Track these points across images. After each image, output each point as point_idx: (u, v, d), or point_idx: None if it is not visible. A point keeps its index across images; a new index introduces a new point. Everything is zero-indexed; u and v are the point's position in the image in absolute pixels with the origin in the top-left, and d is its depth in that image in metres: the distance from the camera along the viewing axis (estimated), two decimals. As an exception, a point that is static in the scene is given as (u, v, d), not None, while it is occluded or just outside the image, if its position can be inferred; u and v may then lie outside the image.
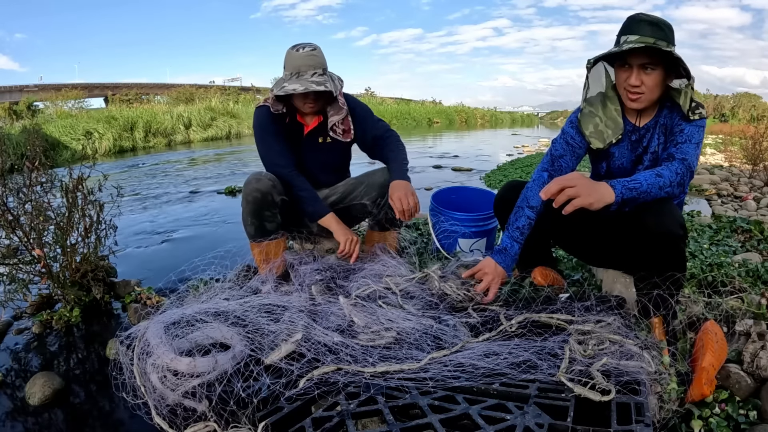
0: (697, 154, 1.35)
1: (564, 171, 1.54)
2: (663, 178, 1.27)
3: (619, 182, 1.25)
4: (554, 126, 28.23)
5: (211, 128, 13.52)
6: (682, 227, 1.28)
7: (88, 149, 9.10)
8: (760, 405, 1.11)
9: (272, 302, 1.42)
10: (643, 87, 1.34)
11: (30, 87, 29.72)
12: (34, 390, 1.35)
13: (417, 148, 9.76)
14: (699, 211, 3.35)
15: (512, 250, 1.50)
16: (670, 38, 1.30)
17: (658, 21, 1.30)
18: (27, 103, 23.40)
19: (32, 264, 1.77)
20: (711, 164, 6.40)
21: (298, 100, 1.78)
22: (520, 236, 1.50)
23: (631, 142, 1.48)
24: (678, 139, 1.36)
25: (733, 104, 34.48)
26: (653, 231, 1.28)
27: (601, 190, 1.22)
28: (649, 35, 1.28)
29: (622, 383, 0.99)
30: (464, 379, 1.06)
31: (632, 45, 1.28)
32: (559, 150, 1.55)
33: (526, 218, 1.50)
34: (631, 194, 1.25)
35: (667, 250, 1.30)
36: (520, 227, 1.50)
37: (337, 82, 1.82)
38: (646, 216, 1.30)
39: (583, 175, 1.30)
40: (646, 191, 1.25)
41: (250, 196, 1.71)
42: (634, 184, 1.25)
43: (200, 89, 24.12)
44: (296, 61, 1.71)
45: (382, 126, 1.94)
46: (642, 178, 1.26)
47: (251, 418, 1.00)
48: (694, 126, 1.35)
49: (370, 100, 27.71)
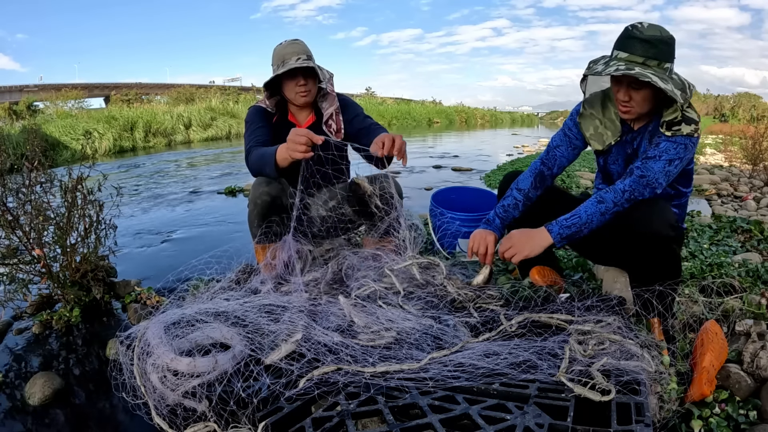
0: (667, 171, 1.31)
1: (558, 161, 1.60)
2: (605, 203, 1.34)
3: (557, 223, 1.36)
4: (554, 126, 28.22)
5: (211, 128, 13.53)
6: (673, 228, 1.28)
7: (87, 149, 9.10)
8: (760, 405, 1.11)
9: (272, 302, 1.42)
10: (632, 102, 1.33)
11: (30, 87, 29.72)
12: (34, 390, 1.35)
13: (417, 148, 9.76)
14: (699, 211, 3.35)
15: (495, 222, 1.61)
16: (664, 54, 1.26)
17: (652, 38, 1.25)
18: (27, 103, 23.40)
19: (32, 264, 1.77)
20: (711, 164, 6.40)
21: (290, 89, 1.78)
22: (503, 213, 1.61)
23: (625, 143, 1.49)
24: (649, 153, 1.34)
25: (733, 104, 34.49)
26: (642, 232, 1.30)
27: (536, 240, 1.37)
28: (640, 54, 1.25)
29: (622, 383, 0.99)
30: (464, 379, 1.05)
31: (611, 70, 1.27)
32: (556, 140, 1.60)
33: (513, 198, 1.61)
34: (571, 230, 1.35)
35: (657, 251, 1.30)
36: (505, 205, 1.61)
37: (325, 72, 1.84)
38: (635, 217, 1.31)
39: (522, 230, 1.42)
40: (587, 222, 1.34)
41: (260, 198, 1.71)
42: (572, 219, 1.35)
43: (200, 89, 24.12)
44: (280, 52, 1.76)
45: (369, 121, 1.91)
46: (582, 210, 1.35)
47: (251, 418, 1.00)
48: (672, 142, 1.31)
49: (370, 100, 27.69)
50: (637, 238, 1.31)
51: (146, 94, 29.92)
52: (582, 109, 1.52)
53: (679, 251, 1.35)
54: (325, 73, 1.84)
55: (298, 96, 1.79)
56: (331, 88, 1.87)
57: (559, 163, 1.60)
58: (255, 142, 1.76)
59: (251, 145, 1.76)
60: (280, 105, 1.90)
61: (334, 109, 1.86)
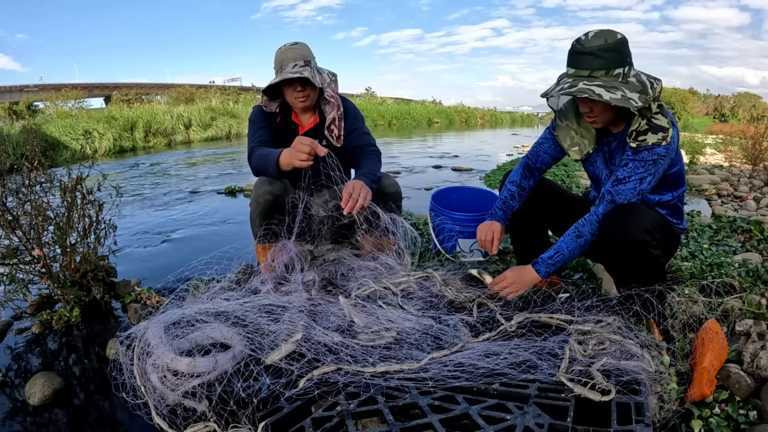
0: (639, 190, 1.32)
1: (541, 157, 1.64)
2: (583, 237, 1.39)
3: (542, 261, 1.43)
4: (554, 126, 28.14)
5: (211, 128, 13.52)
6: (649, 232, 1.28)
7: (87, 149, 9.09)
8: (760, 405, 1.11)
9: (272, 302, 1.42)
10: (594, 112, 1.34)
11: (30, 87, 29.72)
12: (34, 390, 1.35)
13: (417, 148, 9.76)
14: (699, 211, 3.34)
15: (498, 214, 1.68)
16: (612, 62, 1.24)
17: (595, 49, 1.24)
18: (27, 103, 23.40)
19: (32, 264, 1.77)
20: (711, 164, 6.40)
21: (289, 95, 1.79)
22: (503, 205, 1.69)
23: (603, 145, 1.49)
24: (618, 174, 1.34)
25: (732, 104, 34.50)
26: (617, 239, 1.31)
27: (526, 279, 1.46)
28: (585, 67, 1.26)
29: (622, 383, 0.99)
30: (464, 379, 1.06)
31: (557, 90, 1.29)
32: (541, 138, 1.64)
33: (507, 191, 1.69)
34: (556, 266, 1.43)
35: (633, 256, 1.31)
36: (503, 198, 1.69)
37: (326, 75, 1.83)
38: (611, 223, 1.33)
39: (514, 269, 1.51)
40: (570, 256, 1.42)
41: (262, 198, 1.70)
42: (556, 257, 1.42)
43: (200, 89, 24.09)
44: (279, 58, 1.76)
45: (366, 139, 1.89)
46: (564, 246, 1.41)
47: (251, 418, 1.00)
48: (639, 161, 1.30)
49: (370, 100, 27.66)
50: (613, 244, 1.33)
51: (146, 94, 29.92)
52: (558, 122, 1.54)
53: (660, 254, 1.34)
54: (325, 77, 1.82)
55: (297, 101, 1.79)
56: (334, 91, 1.85)
57: (542, 158, 1.64)
58: (258, 142, 1.77)
59: (254, 145, 1.76)
60: (284, 104, 1.90)
61: (337, 113, 1.85)
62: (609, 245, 1.34)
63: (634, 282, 1.29)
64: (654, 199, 1.45)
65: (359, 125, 1.91)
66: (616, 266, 1.42)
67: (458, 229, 2.13)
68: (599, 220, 1.36)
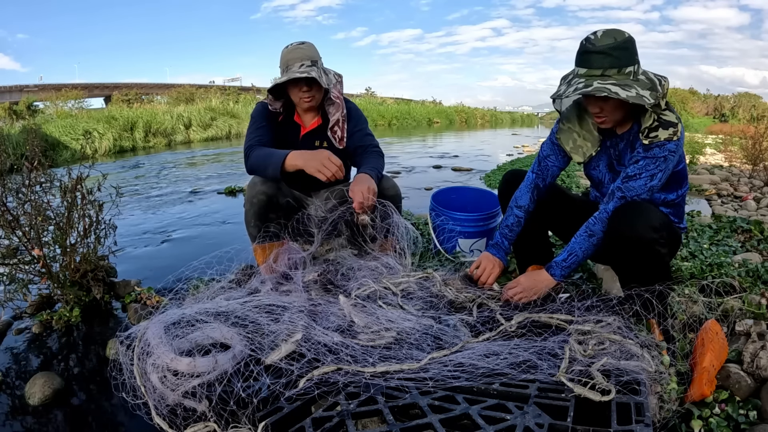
0: (650, 186, 1.32)
1: (550, 170, 1.60)
2: (595, 235, 1.39)
3: (557, 265, 1.42)
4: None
5: (211, 128, 13.52)
6: (656, 230, 1.28)
7: (87, 149, 9.09)
8: (760, 405, 1.11)
9: (272, 302, 1.42)
10: (604, 112, 1.33)
11: (30, 87, 29.71)
12: (34, 390, 1.35)
13: (417, 148, 9.76)
14: (699, 211, 3.34)
15: (503, 244, 1.65)
16: (623, 60, 1.24)
17: (606, 47, 1.24)
18: (27, 103, 23.38)
19: (32, 264, 1.77)
20: (711, 164, 6.40)
21: (294, 94, 1.78)
22: (509, 233, 1.65)
23: (607, 148, 1.49)
24: (629, 170, 1.34)
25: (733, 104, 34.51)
26: (624, 236, 1.31)
27: (541, 284, 1.45)
28: (597, 66, 1.25)
29: (622, 383, 0.99)
30: (464, 379, 1.06)
31: (570, 90, 1.27)
32: (546, 150, 1.61)
33: (515, 217, 1.63)
34: (571, 268, 1.42)
35: (640, 254, 1.31)
36: (509, 225, 1.65)
37: (332, 76, 1.83)
38: (618, 221, 1.32)
39: (528, 275, 1.49)
40: (585, 256, 1.41)
41: (256, 198, 1.70)
42: (571, 259, 1.41)
43: (200, 89, 24.09)
44: (285, 57, 1.75)
45: (369, 140, 1.88)
46: (577, 246, 1.41)
47: (251, 418, 1.00)
48: (650, 158, 1.30)
49: (370, 100, 27.67)
50: (620, 241, 1.33)
51: (146, 94, 29.91)
52: (561, 125, 1.54)
53: (666, 252, 1.35)
54: (331, 77, 1.82)
55: (302, 102, 1.79)
56: (339, 92, 1.85)
57: (552, 172, 1.61)
58: (257, 141, 1.76)
59: (252, 143, 1.76)
60: (287, 104, 1.89)
61: (341, 115, 1.84)
62: (616, 243, 1.34)
63: (640, 280, 1.29)
64: (660, 198, 1.45)
65: (362, 126, 1.90)
66: (622, 264, 1.41)
67: (458, 229, 2.13)
68: (609, 217, 1.35)
